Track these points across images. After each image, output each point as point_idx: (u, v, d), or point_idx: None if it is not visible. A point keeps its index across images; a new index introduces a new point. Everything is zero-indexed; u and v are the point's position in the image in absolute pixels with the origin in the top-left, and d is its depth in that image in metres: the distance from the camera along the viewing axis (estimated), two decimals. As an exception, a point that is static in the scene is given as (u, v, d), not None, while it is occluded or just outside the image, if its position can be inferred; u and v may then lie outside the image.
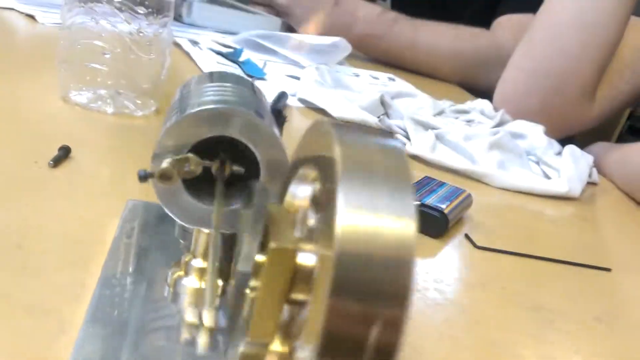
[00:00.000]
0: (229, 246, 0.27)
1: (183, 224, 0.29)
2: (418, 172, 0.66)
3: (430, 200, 0.49)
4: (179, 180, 0.28)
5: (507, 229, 0.57)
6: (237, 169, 0.29)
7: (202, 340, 0.18)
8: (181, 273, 0.31)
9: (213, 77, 0.33)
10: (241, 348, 0.21)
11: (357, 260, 0.16)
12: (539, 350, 0.37)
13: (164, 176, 0.27)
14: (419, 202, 0.48)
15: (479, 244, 0.50)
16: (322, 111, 0.77)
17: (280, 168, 0.29)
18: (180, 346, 0.26)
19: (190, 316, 0.18)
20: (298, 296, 0.20)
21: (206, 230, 0.30)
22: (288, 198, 0.23)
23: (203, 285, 0.29)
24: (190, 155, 0.28)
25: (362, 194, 0.17)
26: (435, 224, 0.48)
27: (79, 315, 0.28)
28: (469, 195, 0.54)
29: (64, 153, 0.45)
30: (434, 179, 0.56)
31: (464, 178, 0.67)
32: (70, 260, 0.34)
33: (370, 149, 0.19)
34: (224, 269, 0.26)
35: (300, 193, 0.22)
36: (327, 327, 0.16)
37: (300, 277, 0.20)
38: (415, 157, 0.68)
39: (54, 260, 0.33)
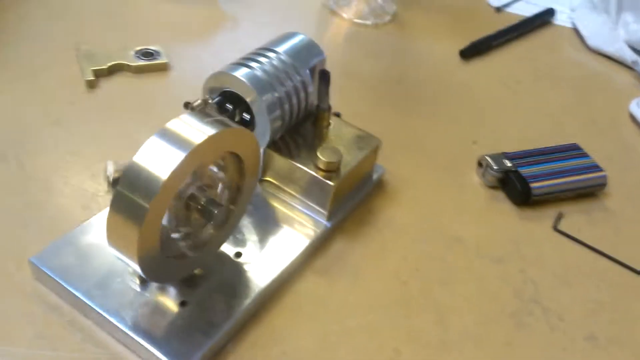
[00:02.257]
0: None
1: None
2: (625, 136, 0.61)
3: (529, 171, 0.50)
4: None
5: (635, 224, 0.51)
6: (245, 116, 0.42)
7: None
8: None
9: (281, 40, 0.45)
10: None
11: (134, 172, 0.32)
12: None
13: (193, 109, 0.42)
14: (514, 169, 0.50)
15: (569, 229, 0.48)
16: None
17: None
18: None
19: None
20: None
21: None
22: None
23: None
24: (210, 102, 0.42)
25: (155, 149, 0.33)
26: (517, 194, 0.49)
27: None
28: (602, 177, 0.51)
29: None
30: (578, 149, 0.53)
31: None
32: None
33: (188, 128, 0.33)
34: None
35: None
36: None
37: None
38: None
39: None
